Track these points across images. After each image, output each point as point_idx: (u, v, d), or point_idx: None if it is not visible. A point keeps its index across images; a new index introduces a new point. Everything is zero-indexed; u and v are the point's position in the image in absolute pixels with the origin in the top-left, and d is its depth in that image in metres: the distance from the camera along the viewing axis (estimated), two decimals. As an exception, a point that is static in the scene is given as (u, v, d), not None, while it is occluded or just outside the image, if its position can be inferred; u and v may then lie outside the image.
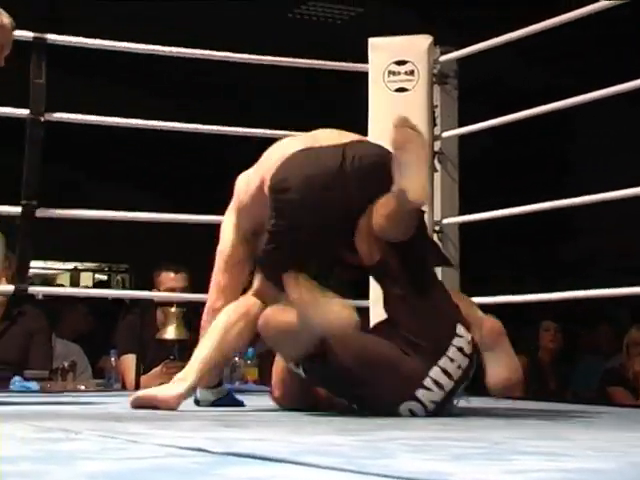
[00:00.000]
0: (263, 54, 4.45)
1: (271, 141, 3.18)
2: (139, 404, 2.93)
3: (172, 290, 4.88)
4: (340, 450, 1.74)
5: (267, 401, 3.20)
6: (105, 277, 12.16)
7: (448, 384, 2.73)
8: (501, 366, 2.76)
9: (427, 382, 2.72)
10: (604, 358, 5.80)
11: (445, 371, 2.72)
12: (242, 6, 7.64)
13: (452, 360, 2.73)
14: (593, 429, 2.59)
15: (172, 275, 4.93)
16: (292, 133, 4.44)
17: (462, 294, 3.06)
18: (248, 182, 3.10)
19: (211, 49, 4.45)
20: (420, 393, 2.72)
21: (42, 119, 4.04)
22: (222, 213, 4.54)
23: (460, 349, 2.74)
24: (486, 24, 4.35)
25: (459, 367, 2.74)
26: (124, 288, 11.26)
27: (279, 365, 3.11)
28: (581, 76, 5.45)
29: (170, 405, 2.86)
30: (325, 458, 1.50)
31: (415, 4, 7.56)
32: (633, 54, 5.76)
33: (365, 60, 4.36)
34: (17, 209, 4.04)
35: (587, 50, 7.02)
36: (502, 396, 3.06)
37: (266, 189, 2.90)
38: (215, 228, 3.38)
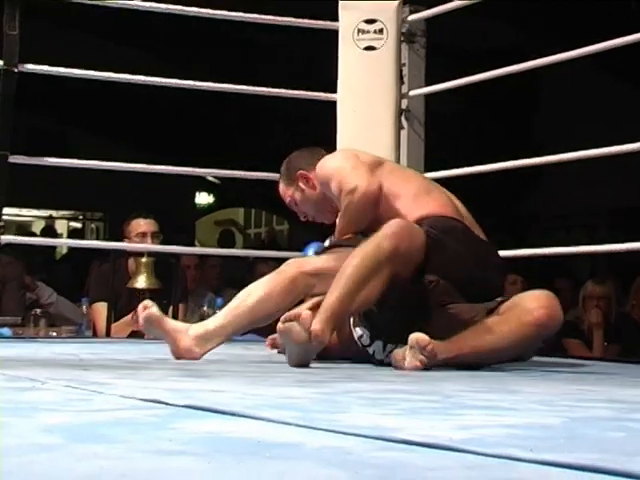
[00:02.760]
0: (238, 11, 4.47)
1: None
2: (159, 335, 2.97)
3: (143, 235, 4.94)
4: (297, 403, 1.80)
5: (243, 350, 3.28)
6: (80, 225, 12.21)
7: None
8: None
9: None
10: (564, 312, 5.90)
11: None
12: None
13: None
14: (544, 382, 2.66)
15: (142, 221, 4.99)
16: (267, 89, 4.51)
17: None
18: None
19: (187, 4, 4.47)
20: None
21: (16, 70, 4.06)
22: (197, 165, 4.61)
23: None
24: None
25: None
26: (98, 237, 11.33)
27: None
28: (549, 37, 5.49)
29: (194, 357, 2.93)
30: (281, 412, 1.55)
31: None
32: (603, 15, 5.80)
33: (336, 19, 4.40)
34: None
35: (555, 12, 7.04)
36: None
37: None
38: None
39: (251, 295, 3.06)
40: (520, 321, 2.81)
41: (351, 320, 3.05)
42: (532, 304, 2.83)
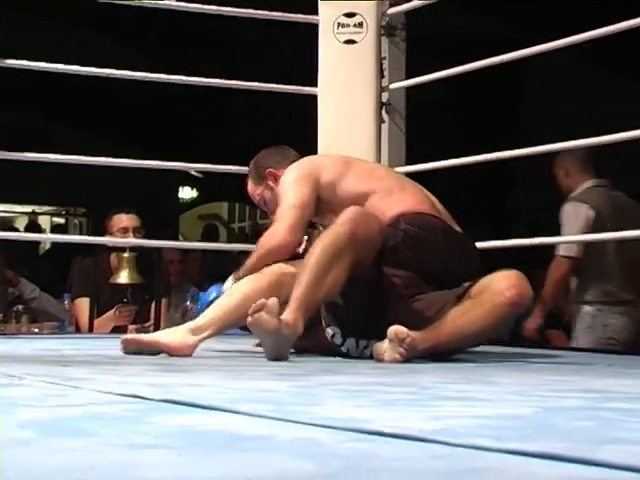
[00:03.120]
0: (222, 5, 4.47)
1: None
2: (143, 349, 2.97)
3: (125, 230, 4.94)
4: (274, 397, 1.81)
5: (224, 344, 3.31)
6: (63, 221, 12.20)
7: None
8: None
9: None
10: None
11: None
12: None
13: None
14: (522, 372, 2.68)
15: (124, 216, 4.99)
16: (252, 84, 4.52)
17: None
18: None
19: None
20: None
21: (-5, 65, 4.05)
22: (180, 160, 4.62)
23: None
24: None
25: None
26: (81, 232, 11.31)
27: None
28: (530, 29, 5.51)
29: (184, 353, 2.93)
30: (257, 405, 1.56)
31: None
32: (584, 6, 5.81)
33: (316, 12, 4.41)
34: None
35: (537, 3, 7.06)
36: None
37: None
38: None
39: (239, 291, 3.08)
40: (493, 302, 2.85)
41: (323, 321, 3.08)
42: (502, 284, 2.86)
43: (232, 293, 3.11)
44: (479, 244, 3.41)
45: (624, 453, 1.11)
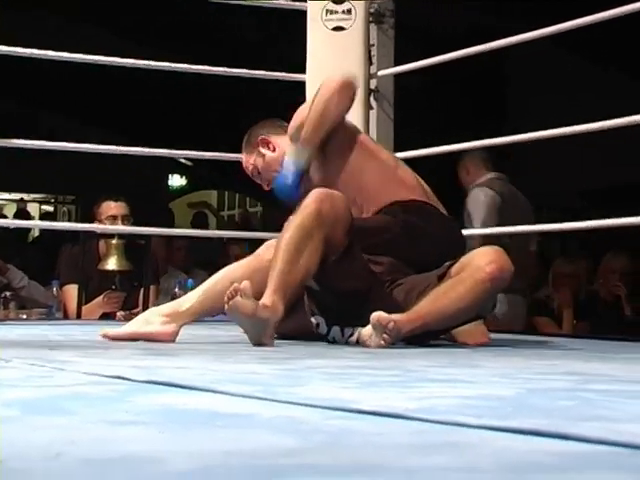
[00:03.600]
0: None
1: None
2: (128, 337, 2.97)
3: (114, 218, 4.94)
4: (259, 378, 1.82)
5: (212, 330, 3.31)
6: (51, 208, 12.20)
7: None
8: None
9: None
10: (534, 290, 5.96)
11: None
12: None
13: None
14: (509, 357, 2.69)
15: (112, 204, 4.99)
16: (236, 70, 4.52)
17: None
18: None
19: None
20: None
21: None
22: (169, 147, 4.62)
23: None
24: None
25: None
26: (70, 220, 11.31)
27: None
28: (517, 17, 5.51)
29: (167, 340, 2.93)
30: (242, 386, 1.56)
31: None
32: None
33: (304, -1, 4.42)
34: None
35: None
36: None
37: None
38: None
39: (227, 277, 3.07)
40: (474, 279, 2.86)
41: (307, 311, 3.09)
42: (482, 261, 2.87)
43: (219, 279, 3.10)
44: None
45: (601, 429, 1.12)
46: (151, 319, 3.00)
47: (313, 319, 3.07)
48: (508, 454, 0.98)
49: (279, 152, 3.40)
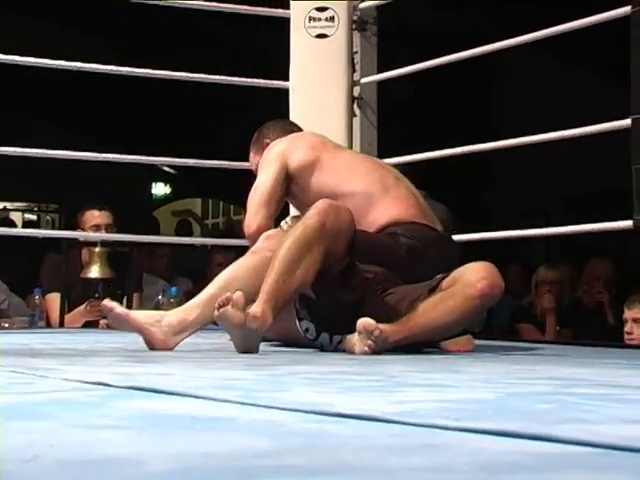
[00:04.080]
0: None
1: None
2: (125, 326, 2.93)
3: (97, 227, 4.94)
4: (240, 384, 1.82)
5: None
6: (34, 217, 12.16)
7: None
8: None
9: None
10: (517, 297, 5.98)
11: None
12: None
13: None
14: (491, 363, 2.69)
15: (96, 213, 4.99)
16: (221, 77, 4.52)
17: None
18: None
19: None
20: None
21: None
22: (154, 155, 4.61)
23: None
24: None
25: None
26: (53, 228, 11.28)
27: None
28: (502, 23, 5.53)
29: (167, 348, 2.90)
30: (222, 391, 1.57)
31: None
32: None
33: (287, 6, 4.42)
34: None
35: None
36: None
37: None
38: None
39: (227, 282, 3.02)
40: (464, 294, 2.86)
41: (296, 315, 3.09)
42: (474, 277, 2.88)
43: (219, 285, 3.04)
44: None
45: (580, 431, 1.12)
46: (161, 323, 2.93)
47: (302, 324, 3.06)
48: (485, 455, 0.98)
49: None
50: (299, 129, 3.57)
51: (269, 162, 3.34)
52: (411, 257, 3.09)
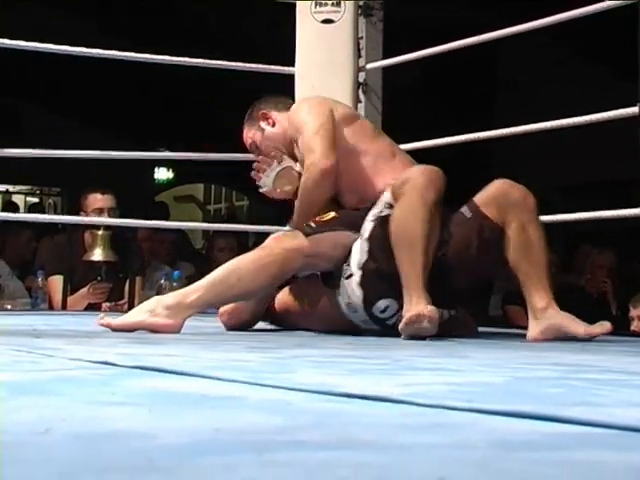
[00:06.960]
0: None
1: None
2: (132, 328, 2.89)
3: (100, 210, 4.93)
4: (247, 365, 1.82)
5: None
6: (37, 200, 12.16)
7: None
8: None
9: None
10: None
11: None
12: None
13: None
14: (497, 349, 2.69)
15: (99, 196, 4.98)
16: (225, 63, 4.51)
17: None
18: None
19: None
20: None
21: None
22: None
23: None
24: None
25: None
26: (56, 211, 11.29)
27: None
28: (504, 11, 5.52)
29: (174, 330, 2.89)
30: (230, 372, 1.57)
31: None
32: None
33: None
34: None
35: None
36: None
37: None
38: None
39: (234, 271, 3.00)
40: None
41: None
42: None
43: (227, 273, 3.00)
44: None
45: (590, 412, 1.12)
46: (156, 310, 2.90)
47: (382, 302, 2.99)
48: (499, 433, 0.98)
49: (279, 128, 3.38)
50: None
51: (315, 106, 3.29)
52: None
